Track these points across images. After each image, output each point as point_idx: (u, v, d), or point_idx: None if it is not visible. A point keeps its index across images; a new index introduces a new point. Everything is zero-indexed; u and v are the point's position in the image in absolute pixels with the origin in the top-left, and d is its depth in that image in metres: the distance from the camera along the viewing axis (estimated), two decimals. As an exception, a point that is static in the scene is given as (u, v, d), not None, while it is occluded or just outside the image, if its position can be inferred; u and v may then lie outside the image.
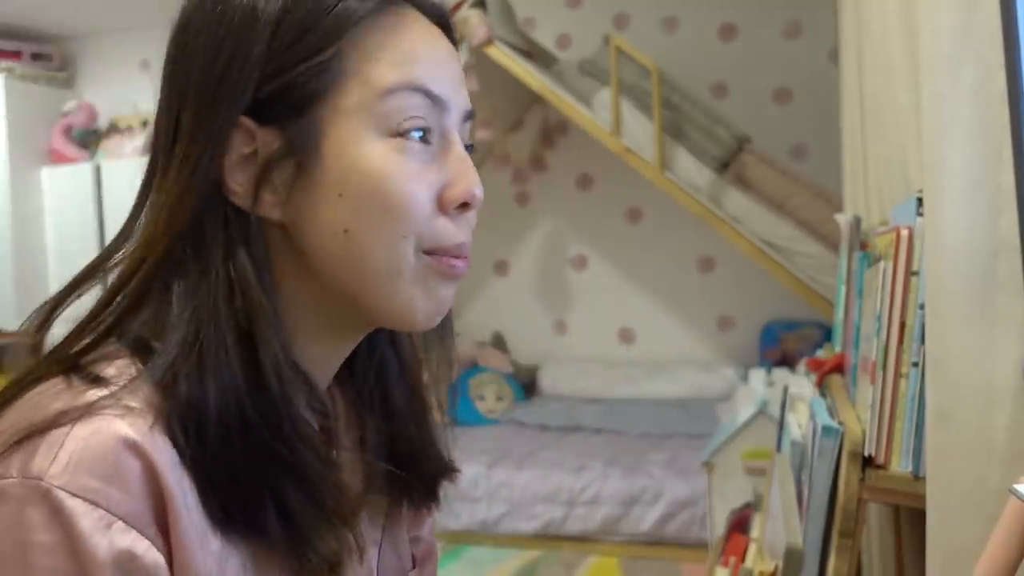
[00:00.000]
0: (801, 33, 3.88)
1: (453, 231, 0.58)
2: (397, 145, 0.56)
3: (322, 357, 0.61)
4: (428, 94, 0.56)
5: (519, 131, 4.15)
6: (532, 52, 3.60)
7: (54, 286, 0.57)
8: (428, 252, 0.58)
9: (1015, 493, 0.67)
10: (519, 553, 3.20)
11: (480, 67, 3.28)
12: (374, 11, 0.56)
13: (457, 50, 0.62)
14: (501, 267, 4.44)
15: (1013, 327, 0.85)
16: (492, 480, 3.27)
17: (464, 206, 0.59)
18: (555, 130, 4.21)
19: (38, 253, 4.40)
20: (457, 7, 3.43)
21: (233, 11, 0.54)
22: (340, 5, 0.55)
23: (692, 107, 3.50)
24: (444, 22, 0.61)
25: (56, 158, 4.46)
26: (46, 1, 4.07)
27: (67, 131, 4.48)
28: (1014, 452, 0.85)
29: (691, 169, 3.35)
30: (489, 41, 3.26)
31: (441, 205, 0.58)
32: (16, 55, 4.43)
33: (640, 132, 3.36)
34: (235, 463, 0.51)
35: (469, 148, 0.62)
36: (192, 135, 0.54)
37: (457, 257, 0.59)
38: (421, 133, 0.56)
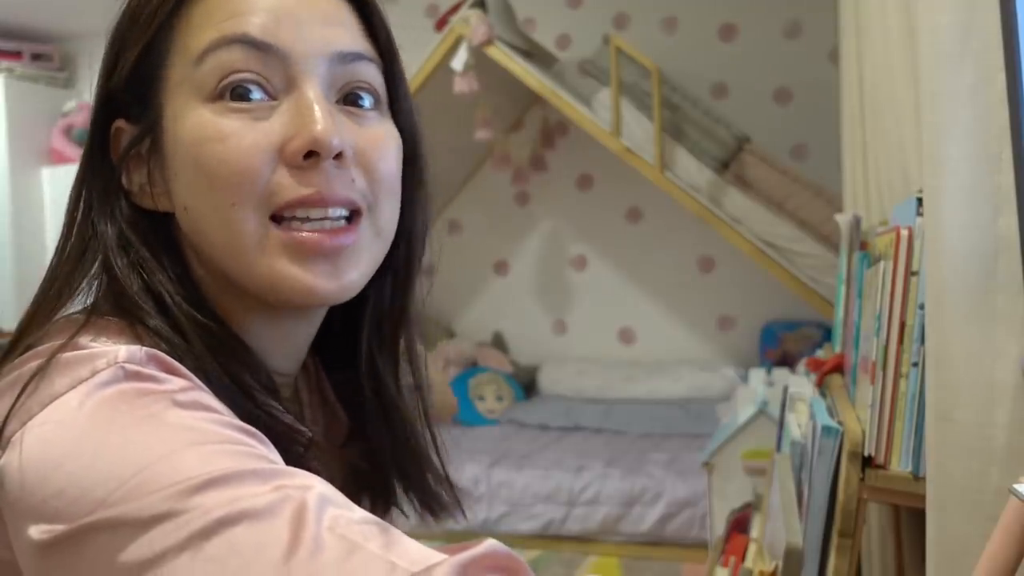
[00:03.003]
0: (801, 33, 3.87)
1: (290, 184, 0.53)
2: (217, 108, 0.53)
3: (272, 338, 0.60)
4: (251, 43, 0.53)
5: (519, 131, 4.15)
6: (532, 52, 3.60)
7: (54, 286, 0.58)
8: (277, 218, 0.54)
9: (1015, 493, 0.67)
10: (519, 553, 3.18)
11: (480, 67, 3.27)
12: None
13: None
14: (501, 267, 4.44)
15: (1013, 327, 0.85)
16: (492, 480, 3.27)
17: (312, 155, 0.53)
18: (555, 130, 4.20)
19: (38, 253, 4.39)
20: (457, 7, 3.43)
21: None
22: None
23: (692, 107, 3.50)
24: None
25: (56, 158, 4.45)
26: (46, 1, 4.06)
27: (67, 131, 4.47)
28: (1014, 452, 0.85)
29: (691, 169, 3.35)
30: (489, 41, 3.26)
31: (285, 161, 0.53)
32: (16, 55, 4.43)
33: (640, 132, 3.35)
34: None
35: (358, 95, 0.57)
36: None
37: (307, 220, 0.54)
38: (249, 89, 0.53)
